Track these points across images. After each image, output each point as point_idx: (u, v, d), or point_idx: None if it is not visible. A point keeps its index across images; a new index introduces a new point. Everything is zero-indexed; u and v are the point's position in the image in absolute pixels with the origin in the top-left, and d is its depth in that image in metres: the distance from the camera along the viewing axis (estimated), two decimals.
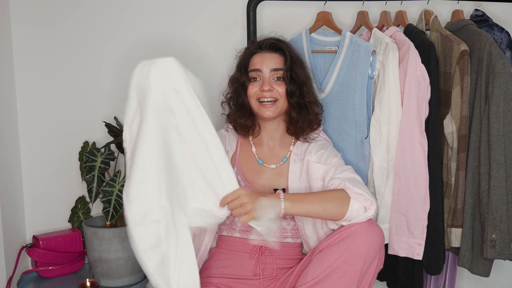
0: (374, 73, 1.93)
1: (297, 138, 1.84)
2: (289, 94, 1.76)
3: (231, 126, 1.90)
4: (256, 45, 1.81)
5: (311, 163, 1.77)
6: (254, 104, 1.78)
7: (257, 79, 1.77)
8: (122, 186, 2.00)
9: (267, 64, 1.76)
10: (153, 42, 2.24)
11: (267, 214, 1.51)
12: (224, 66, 2.04)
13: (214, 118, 2.13)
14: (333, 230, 1.68)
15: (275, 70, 1.75)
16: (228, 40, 2.20)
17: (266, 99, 1.75)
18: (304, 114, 1.79)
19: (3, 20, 2.14)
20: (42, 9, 2.19)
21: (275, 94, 1.75)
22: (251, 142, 1.85)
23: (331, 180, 1.69)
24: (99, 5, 2.21)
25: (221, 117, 1.93)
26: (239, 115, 1.82)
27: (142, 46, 2.24)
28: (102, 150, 2.09)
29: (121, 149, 2.14)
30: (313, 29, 2.05)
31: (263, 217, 1.51)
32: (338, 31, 2.01)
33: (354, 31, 2.11)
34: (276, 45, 1.78)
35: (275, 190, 1.76)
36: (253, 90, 1.77)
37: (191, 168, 1.49)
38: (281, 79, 1.76)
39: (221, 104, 1.89)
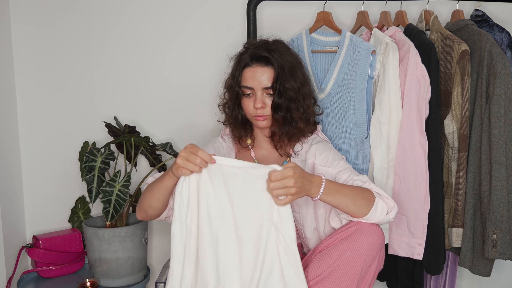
0: (374, 73, 1.92)
1: (280, 155, 1.80)
2: (274, 108, 1.72)
3: (227, 132, 1.88)
4: (248, 56, 1.74)
5: (317, 166, 1.75)
6: (249, 117, 1.77)
7: (250, 95, 1.74)
8: (122, 186, 2.00)
9: (258, 82, 1.72)
10: (153, 41, 2.24)
11: (303, 196, 1.52)
12: (224, 66, 2.04)
13: (215, 117, 2.14)
14: (335, 229, 1.68)
15: (266, 88, 1.72)
16: (228, 40, 2.20)
17: (260, 115, 1.74)
18: (288, 128, 1.75)
19: (3, 18, 2.14)
20: (42, 7, 2.19)
21: (267, 110, 1.73)
22: (250, 146, 1.84)
23: (349, 181, 1.67)
24: (98, 4, 2.21)
25: (220, 117, 1.92)
26: (235, 127, 1.81)
27: (142, 45, 2.25)
28: (102, 150, 2.09)
29: (121, 149, 2.15)
30: (313, 29, 2.05)
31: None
32: (338, 31, 2.01)
33: (354, 31, 2.11)
34: (266, 58, 1.72)
35: None
36: (248, 106, 1.74)
37: None
38: (272, 95, 1.74)
39: (218, 107, 1.88)
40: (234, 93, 1.77)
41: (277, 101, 1.71)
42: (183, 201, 1.52)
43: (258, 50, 1.74)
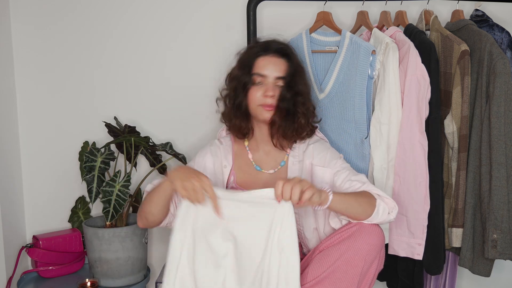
0: (374, 73, 1.92)
1: (275, 145, 1.79)
2: (281, 99, 1.72)
3: (224, 134, 1.88)
4: (262, 46, 1.76)
5: (315, 167, 1.75)
6: (254, 107, 1.74)
7: (260, 83, 1.73)
8: (122, 186, 2.00)
9: (273, 70, 1.72)
10: (153, 41, 2.24)
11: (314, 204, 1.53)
12: (224, 66, 2.04)
13: (215, 117, 2.14)
14: (334, 230, 1.68)
15: (279, 78, 1.72)
16: (228, 40, 2.20)
17: (268, 104, 1.72)
18: (289, 122, 1.74)
19: (3, 18, 2.14)
20: (42, 7, 2.19)
21: (276, 101, 1.72)
22: (247, 148, 1.83)
23: (347, 182, 1.67)
24: (98, 4, 2.21)
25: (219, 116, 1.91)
26: (235, 116, 1.77)
27: (142, 45, 2.24)
28: (102, 150, 2.09)
29: (121, 149, 2.15)
30: (313, 29, 2.05)
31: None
32: (338, 31, 2.01)
33: (354, 31, 2.11)
34: (283, 50, 1.75)
35: None
36: (256, 95, 1.72)
37: None
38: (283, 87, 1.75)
39: (216, 101, 1.86)
40: (240, 83, 1.74)
41: (285, 93, 1.71)
42: (186, 222, 1.54)
43: (273, 43, 1.76)
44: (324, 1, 2.05)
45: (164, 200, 1.60)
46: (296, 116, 1.74)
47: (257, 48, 1.77)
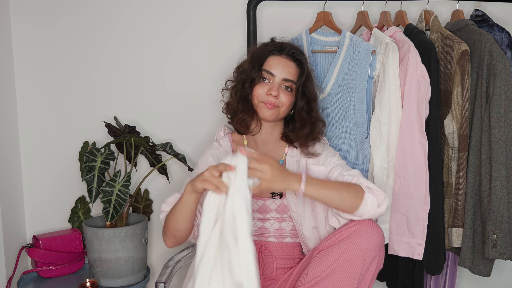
0: (374, 73, 1.93)
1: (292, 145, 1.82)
2: (300, 109, 1.76)
3: (222, 135, 1.89)
4: (278, 46, 1.78)
5: (310, 166, 1.76)
6: (256, 102, 1.76)
7: (266, 81, 1.75)
8: (122, 186, 2.00)
9: (282, 71, 1.74)
10: (153, 41, 2.24)
11: (284, 188, 1.53)
12: (224, 66, 2.04)
13: (215, 117, 2.15)
14: (334, 229, 1.68)
15: (287, 80, 1.74)
16: (228, 40, 2.21)
17: (270, 102, 1.73)
18: (311, 130, 1.79)
19: (3, 18, 2.14)
20: (42, 7, 2.19)
21: (278, 102, 1.74)
22: (246, 147, 1.83)
23: (340, 177, 1.68)
24: (98, 3, 2.21)
25: (221, 117, 1.91)
26: (241, 109, 1.78)
27: (142, 45, 2.24)
28: (102, 150, 2.09)
29: (121, 149, 2.15)
30: (313, 29, 2.05)
31: (279, 190, 1.51)
32: (338, 31, 2.01)
33: (354, 31, 2.11)
34: (296, 55, 1.77)
35: (272, 194, 1.76)
36: (259, 91, 1.74)
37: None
38: (289, 89, 1.76)
39: (221, 92, 1.87)
40: (248, 77, 1.76)
41: (301, 103, 1.76)
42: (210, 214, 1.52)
43: (288, 46, 1.78)
44: (324, 1, 2.05)
45: (188, 214, 1.60)
46: (315, 123, 1.79)
47: (271, 46, 1.79)
